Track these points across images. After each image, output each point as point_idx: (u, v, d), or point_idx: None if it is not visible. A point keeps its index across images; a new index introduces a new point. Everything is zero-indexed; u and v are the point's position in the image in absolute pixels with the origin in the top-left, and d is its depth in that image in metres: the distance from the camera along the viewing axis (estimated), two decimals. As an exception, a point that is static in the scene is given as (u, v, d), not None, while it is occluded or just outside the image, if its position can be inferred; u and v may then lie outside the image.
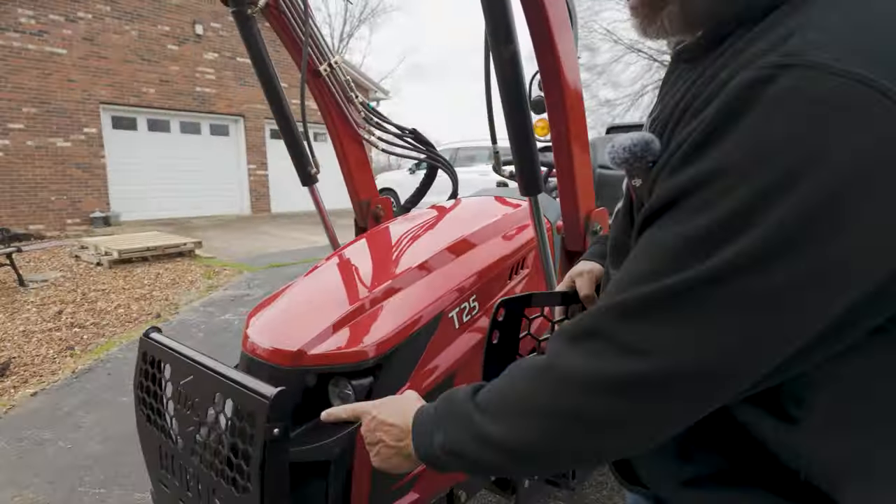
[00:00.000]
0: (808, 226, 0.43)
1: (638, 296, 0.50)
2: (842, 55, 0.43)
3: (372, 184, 2.06)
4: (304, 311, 1.36)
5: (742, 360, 0.47)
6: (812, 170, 0.42)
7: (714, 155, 0.47)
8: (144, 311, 5.03)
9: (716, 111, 0.48)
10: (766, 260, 0.44)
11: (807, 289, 0.44)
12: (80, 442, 2.76)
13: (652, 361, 0.48)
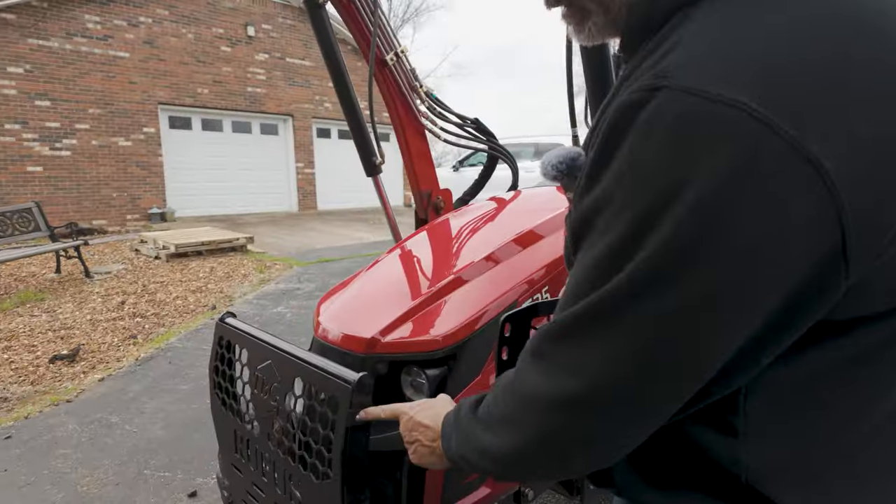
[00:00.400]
0: (687, 248, 0.43)
1: (563, 317, 0.52)
2: (701, 75, 0.43)
3: (433, 175, 2.04)
4: (376, 299, 1.35)
5: (649, 383, 0.48)
6: (682, 193, 0.42)
7: (603, 179, 0.49)
8: (201, 302, 5.19)
9: (602, 134, 0.49)
10: (653, 285, 0.44)
11: (700, 311, 0.44)
12: (145, 426, 2.85)
13: (580, 382, 0.50)
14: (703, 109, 0.41)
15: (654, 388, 0.49)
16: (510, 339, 0.92)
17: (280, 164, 12.84)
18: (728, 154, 0.41)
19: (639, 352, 0.47)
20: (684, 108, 0.42)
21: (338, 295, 1.44)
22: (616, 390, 0.49)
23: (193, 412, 3.00)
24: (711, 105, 0.41)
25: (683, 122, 0.42)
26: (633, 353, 0.47)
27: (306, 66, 12.81)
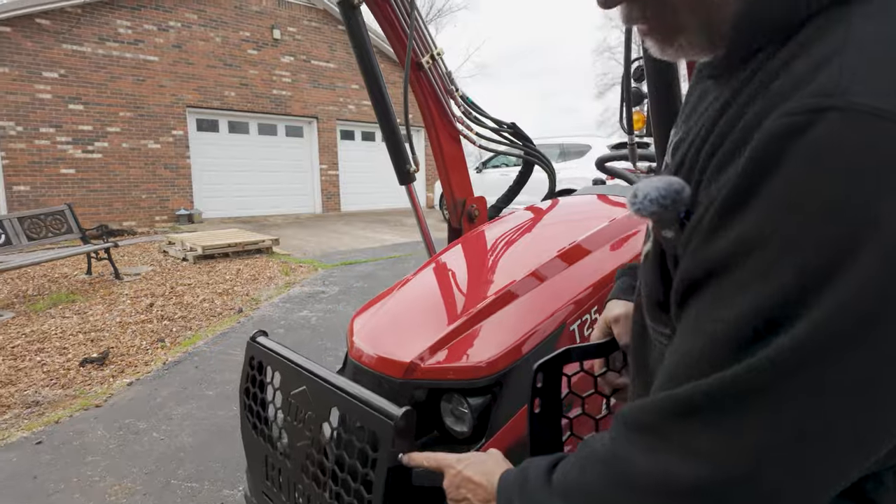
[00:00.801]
0: (879, 305, 0.35)
1: (689, 393, 0.44)
2: (889, 91, 0.36)
3: (468, 183, 1.96)
4: (413, 318, 1.28)
5: (810, 472, 0.40)
6: (866, 240, 0.35)
7: (748, 220, 0.41)
8: (227, 305, 5.20)
9: (744, 167, 0.41)
10: (832, 351, 0.37)
11: (885, 380, 0.37)
12: (173, 433, 2.84)
13: (712, 469, 0.42)
14: (892, 136, 0.34)
15: (814, 475, 0.40)
16: (543, 388, 0.84)
17: (305, 165, 12.92)
18: None
19: (805, 434, 0.39)
20: (870, 134, 0.35)
21: (373, 312, 1.37)
22: (763, 482, 0.40)
23: (220, 419, 2.98)
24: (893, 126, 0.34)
25: (866, 152, 0.35)
26: (796, 436, 0.39)
27: (331, 68, 12.87)
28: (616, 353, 0.89)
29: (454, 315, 1.23)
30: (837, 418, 0.38)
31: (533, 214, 1.80)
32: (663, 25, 0.52)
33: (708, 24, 0.49)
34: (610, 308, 0.89)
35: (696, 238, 0.46)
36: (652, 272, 0.59)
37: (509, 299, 1.25)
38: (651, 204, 0.49)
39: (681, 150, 0.55)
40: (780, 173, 0.38)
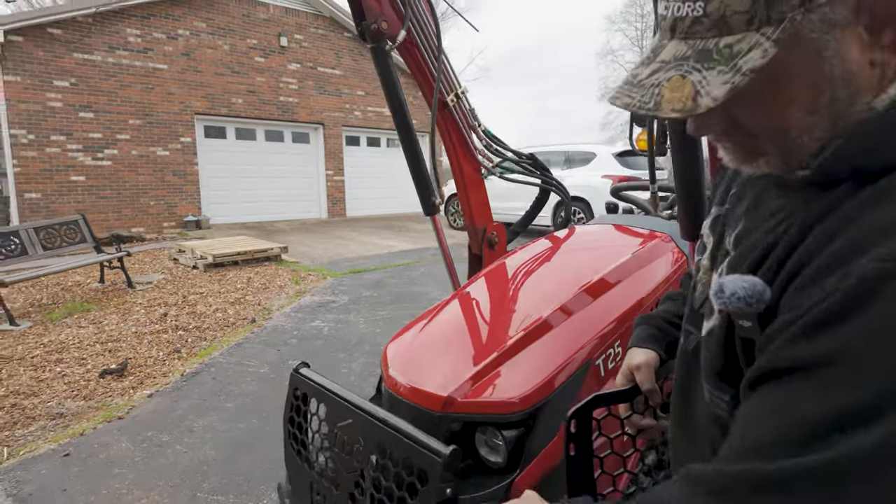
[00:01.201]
0: None
1: (777, 471, 0.48)
2: None
3: (488, 212, 2.04)
4: (447, 351, 1.35)
5: None
6: None
7: (840, 336, 0.46)
8: (240, 315, 5.29)
9: (841, 295, 0.47)
10: (884, 461, 0.42)
11: None
12: (195, 446, 2.92)
13: None
14: None
15: None
16: (577, 433, 0.92)
17: (311, 171, 13.03)
18: None
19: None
20: None
21: (406, 341, 1.45)
22: None
23: (241, 432, 3.05)
24: None
25: None
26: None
27: (337, 74, 12.98)
28: (639, 398, 0.96)
29: (487, 349, 1.31)
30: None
31: (552, 244, 1.87)
32: (745, 150, 0.59)
33: (787, 153, 0.56)
34: (632, 356, 0.97)
35: (781, 338, 0.52)
36: (716, 345, 0.65)
37: (539, 334, 1.33)
38: (738, 301, 0.56)
39: (751, 248, 0.61)
40: (872, 306, 0.45)
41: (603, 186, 7.50)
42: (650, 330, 0.99)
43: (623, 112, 31.45)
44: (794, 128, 0.54)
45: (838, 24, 0.49)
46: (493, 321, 1.44)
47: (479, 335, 1.39)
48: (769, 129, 0.55)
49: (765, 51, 0.49)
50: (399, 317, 5.19)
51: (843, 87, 0.51)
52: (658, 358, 0.96)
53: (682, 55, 0.52)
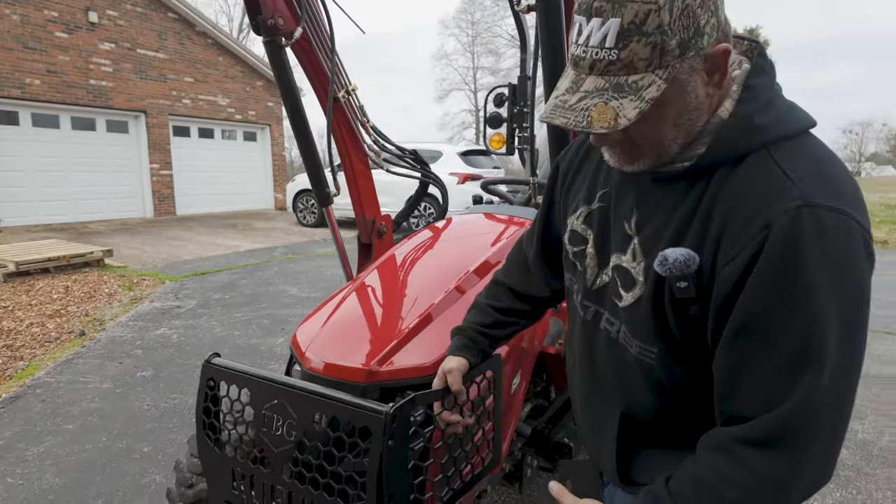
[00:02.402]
0: (857, 314, 0.69)
1: (785, 413, 0.70)
2: (826, 196, 0.68)
3: (376, 204, 2.15)
4: (361, 328, 1.46)
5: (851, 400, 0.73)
6: (848, 280, 0.67)
7: (780, 279, 0.67)
8: (64, 328, 4.62)
9: (766, 246, 0.68)
10: (861, 332, 0.71)
11: (861, 351, 0.72)
12: (32, 476, 2.55)
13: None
14: (843, 222, 0.68)
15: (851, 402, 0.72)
16: (396, 428, 1.05)
17: (131, 164, 11.61)
18: (858, 247, 0.69)
19: (850, 380, 0.71)
20: (832, 221, 0.67)
21: (316, 325, 1.51)
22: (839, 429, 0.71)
23: (89, 453, 2.74)
24: (843, 218, 0.68)
25: (834, 232, 0.67)
26: (847, 388, 0.71)
27: (161, 58, 11.74)
28: (449, 397, 1.15)
29: (397, 326, 1.44)
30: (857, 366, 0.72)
31: (433, 234, 2.06)
32: (630, 155, 0.81)
33: (658, 156, 0.79)
34: (447, 362, 1.16)
35: (722, 289, 0.72)
36: (646, 310, 0.82)
37: (442, 309, 1.50)
38: (680, 265, 0.75)
39: (662, 228, 0.80)
40: (791, 248, 0.67)
41: (450, 183, 7.93)
42: (463, 341, 1.18)
43: (459, 115, 32.16)
44: (665, 138, 0.78)
45: (695, 69, 0.74)
46: (397, 303, 1.58)
47: (386, 315, 1.52)
48: (649, 140, 0.78)
49: (658, 86, 0.71)
50: (259, 317, 4.99)
51: (696, 110, 0.76)
52: (468, 364, 1.14)
53: (602, 87, 0.73)
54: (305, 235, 10.28)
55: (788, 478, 0.71)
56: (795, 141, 0.75)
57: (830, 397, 0.69)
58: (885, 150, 57.28)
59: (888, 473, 2.55)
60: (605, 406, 0.97)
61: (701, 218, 0.76)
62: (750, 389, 0.73)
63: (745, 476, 0.72)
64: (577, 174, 1.04)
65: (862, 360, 0.72)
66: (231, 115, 13.36)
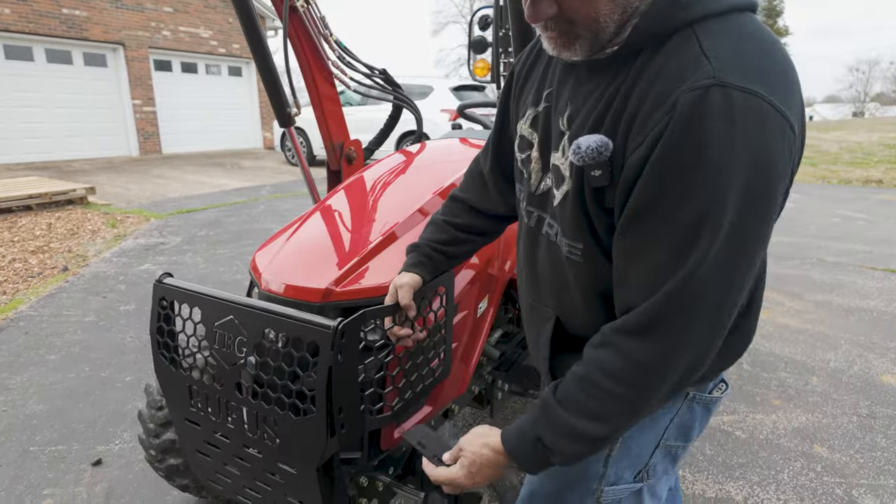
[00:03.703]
0: (752, 199, 0.65)
1: (661, 299, 0.69)
2: (740, 77, 0.63)
3: (344, 126, 2.06)
4: (320, 251, 1.42)
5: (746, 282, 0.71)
6: (745, 160, 0.62)
7: (679, 157, 0.64)
8: (46, 264, 4.59)
9: (669, 123, 0.64)
10: (736, 224, 0.65)
11: (756, 240, 0.68)
12: (16, 403, 2.59)
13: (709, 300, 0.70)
14: (748, 101, 0.63)
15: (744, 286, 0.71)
16: (345, 344, 1.05)
17: (112, 101, 11.23)
18: (769, 129, 0.63)
19: (741, 259, 0.68)
20: (738, 99, 0.62)
21: (276, 248, 1.47)
22: (726, 307, 0.69)
23: (72, 382, 2.78)
24: (751, 97, 0.63)
25: (740, 109, 0.62)
26: (736, 264, 0.67)
27: (136, -15, 11.10)
28: (400, 312, 1.13)
29: (356, 246, 1.40)
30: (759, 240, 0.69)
31: (406, 158, 1.99)
32: (566, 36, 0.75)
33: (595, 36, 0.73)
34: (399, 277, 1.14)
35: (626, 176, 0.69)
36: (572, 206, 0.80)
37: (402, 232, 1.46)
38: (592, 152, 0.72)
39: (585, 118, 0.76)
40: (693, 125, 0.63)
41: (442, 120, 7.66)
42: (418, 257, 1.16)
43: (455, 50, 30.98)
44: (600, 13, 0.71)
45: None
46: (359, 224, 1.54)
47: (346, 236, 1.47)
48: (585, 15, 0.72)
49: None
50: (243, 254, 4.97)
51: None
52: (420, 280, 1.12)
53: None
54: (294, 174, 10.11)
55: (665, 363, 0.70)
56: (725, 18, 0.69)
57: (717, 277, 0.66)
58: (891, 89, 55.99)
59: (854, 399, 2.61)
60: (543, 310, 0.97)
61: (618, 103, 0.72)
62: (638, 274, 0.71)
63: (620, 364, 0.72)
64: (527, 78, 0.98)
65: (759, 246, 0.69)
66: (214, 49, 12.81)
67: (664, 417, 0.91)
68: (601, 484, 0.93)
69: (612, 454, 0.92)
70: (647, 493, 0.99)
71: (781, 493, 1.99)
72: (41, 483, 2.06)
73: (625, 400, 0.73)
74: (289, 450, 1.13)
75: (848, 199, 7.84)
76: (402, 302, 1.11)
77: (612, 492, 0.94)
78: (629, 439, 0.91)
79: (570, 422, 0.76)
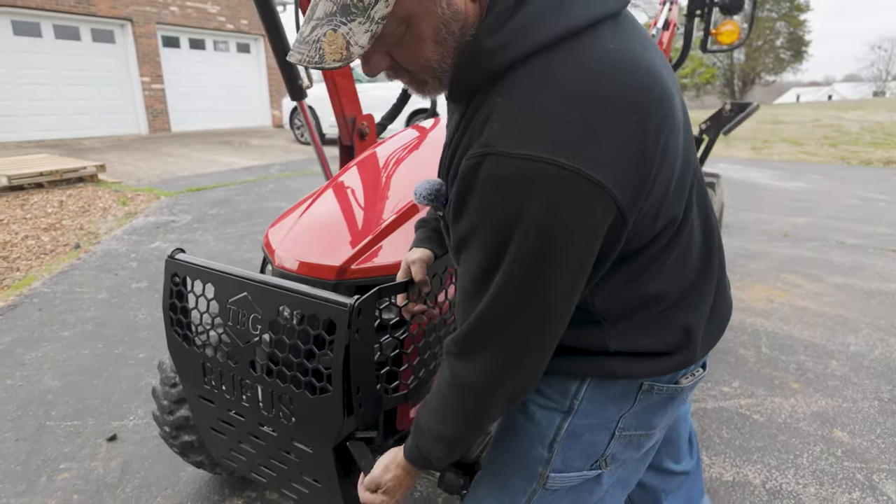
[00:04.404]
0: (531, 259, 0.64)
1: (465, 328, 0.76)
2: (516, 143, 0.61)
3: (357, 101, 2.00)
4: (335, 226, 1.38)
5: (545, 331, 0.73)
6: (518, 225, 0.62)
7: (465, 219, 0.68)
8: (59, 241, 4.60)
9: (456, 187, 0.68)
10: (516, 279, 0.67)
11: (547, 290, 0.68)
12: (32, 378, 2.61)
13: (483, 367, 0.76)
14: (521, 168, 0.61)
15: (549, 331, 0.73)
16: (361, 320, 1.04)
17: (121, 78, 11.18)
18: (539, 195, 0.61)
19: (528, 317, 0.70)
20: (508, 167, 0.61)
21: (289, 224, 1.44)
22: (531, 344, 0.73)
23: (86, 359, 2.79)
24: (525, 164, 0.60)
25: (508, 177, 0.62)
26: (527, 304, 0.69)
27: (142, -40, 10.96)
28: (413, 288, 1.10)
29: (370, 224, 1.36)
30: (529, 311, 0.70)
31: (419, 133, 1.93)
32: (415, 82, 0.74)
33: (437, 79, 0.72)
34: (411, 253, 1.11)
35: (451, 223, 0.73)
36: (445, 232, 0.86)
37: (416, 210, 1.42)
38: (424, 199, 0.81)
39: (442, 156, 0.80)
40: (472, 193, 0.65)
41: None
42: (427, 233, 1.13)
43: None
44: (432, 59, 0.68)
45: None
46: (373, 201, 1.49)
47: (360, 213, 1.43)
48: (418, 64, 0.69)
49: (387, 2, 0.60)
50: (254, 233, 4.95)
51: (453, 21, 0.66)
52: (432, 256, 1.10)
53: (331, 11, 0.61)
54: (303, 153, 10.05)
55: (466, 383, 0.77)
56: (545, 56, 0.63)
57: (510, 312, 0.70)
58: (915, 67, 54.39)
59: (875, 384, 2.56)
60: None
61: (452, 148, 0.74)
62: (459, 295, 0.78)
63: (451, 380, 0.80)
64: None
65: (538, 299, 0.69)
66: (222, 25, 12.67)
67: (612, 410, 0.88)
68: (546, 469, 0.90)
69: (557, 439, 0.89)
70: (610, 480, 0.95)
71: (801, 478, 1.96)
72: (58, 457, 2.07)
73: (462, 412, 0.80)
74: (305, 429, 1.11)
75: (869, 180, 7.67)
76: (416, 277, 1.08)
77: (559, 478, 0.91)
78: (576, 428, 0.88)
79: (429, 424, 0.84)
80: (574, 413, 0.87)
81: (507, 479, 0.93)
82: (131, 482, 1.94)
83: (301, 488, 1.23)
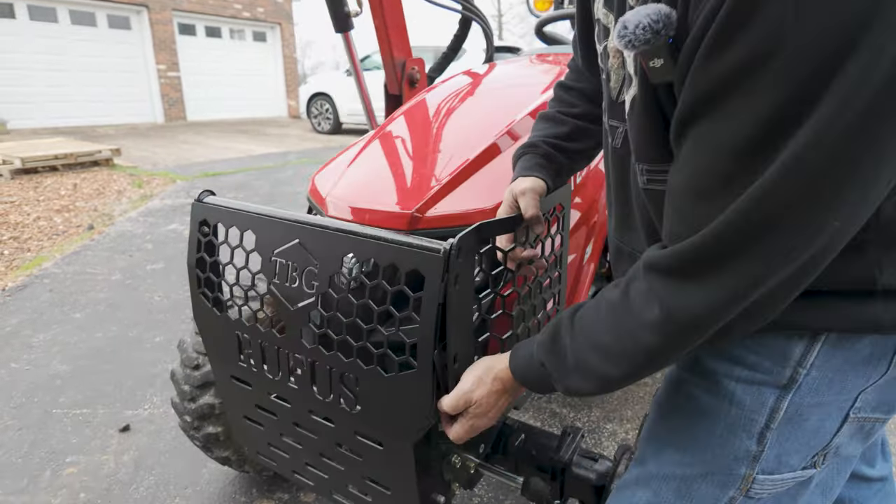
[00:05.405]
0: (882, 95, 0.39)
1: (701, 240, 0.49)
2: None
3: (407, 41, 1.74)
4: (398, 172, 1.12)
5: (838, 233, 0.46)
6: (870, 28, 0.37)
7: (753, 33, 0.41)
8: (71, 222, 4.39)
9: None
10: (839, 132, 0.40)
11: (884, 156, 0.42)
12: (39, 362, 2.38)
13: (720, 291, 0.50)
14: None
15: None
16: (462, 262, 0.78)
17: (137, 65, 11.03)
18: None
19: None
20: None
21: (340, 170, 1.18)
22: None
23: (98, 342, 2.56)
24: None
25: None
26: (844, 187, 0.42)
27: (159, -56, 10.78)
28: (520, 229, 0.87)
29: (441, 168, 1.10)
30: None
31: (474, 79, 1.67)
32: None
33: None
34: (518, 183, 0.87)
35: (696, 59, 0.45)
36: (644, 114, 0.57)
37: (494, 153, 1.15)
38: (645, 32, 0.47)
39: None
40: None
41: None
42: (536, 159, 0.90)
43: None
44: None
45: None
46: (437, 147, 1.22)
47: (427, 158, 1.16)
48: None
49: None
50: (273, 215, 4.72)
51: None
52: (545, 186, 0.88)
53: None
54: (320, 142, 9.83)
55: (678, 317, 0.52)
56: None
57: (768, 212, 0.44)
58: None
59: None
60: (633, 256, 0.73)
61: None
62: (683, 200, 0.51)
63: (638, 303, 0.56)
64: None
65: (863, 172, 0.42)
66: (238, 12, 12.48)
67: (853, 380, 0.60)
68: (753, 469, 0.63)
69: (772, 426, 0.61)
70: (816, 488, 0.67)
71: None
72: (64, 449, 1.84)
73: (646, 350, 0.55)
74: (376, 418, 0.84)
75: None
76: (526, 213, 0.83)
77: (769, 482, 0.64)
78: (799, 408, 0.60)
79: (580, 353, 0.62)
80: (797, 387, 0.60)
81: (690, 486, 0.65)
82: (146, 479, 1.69)
83: (362, 495, 0.97)
